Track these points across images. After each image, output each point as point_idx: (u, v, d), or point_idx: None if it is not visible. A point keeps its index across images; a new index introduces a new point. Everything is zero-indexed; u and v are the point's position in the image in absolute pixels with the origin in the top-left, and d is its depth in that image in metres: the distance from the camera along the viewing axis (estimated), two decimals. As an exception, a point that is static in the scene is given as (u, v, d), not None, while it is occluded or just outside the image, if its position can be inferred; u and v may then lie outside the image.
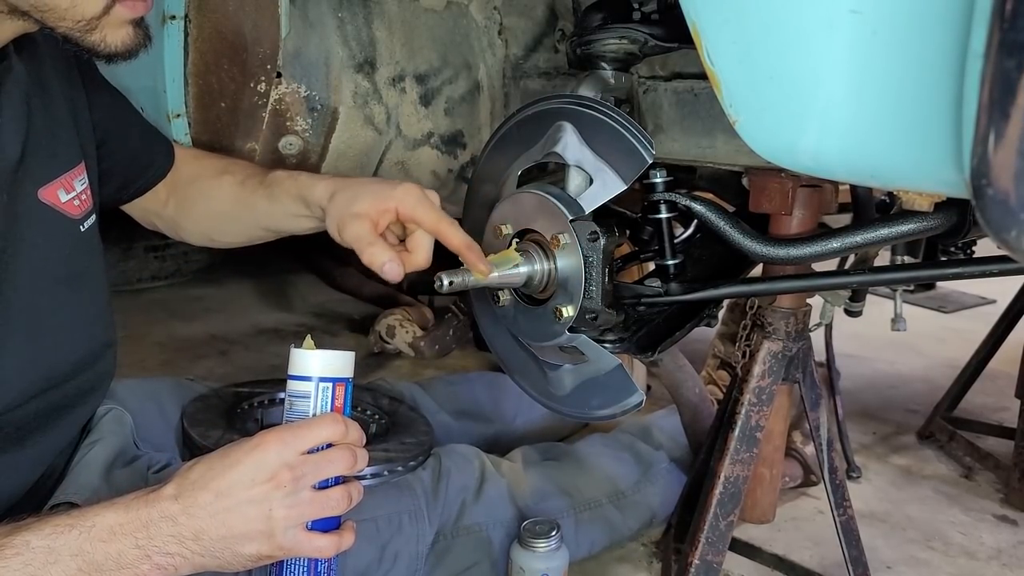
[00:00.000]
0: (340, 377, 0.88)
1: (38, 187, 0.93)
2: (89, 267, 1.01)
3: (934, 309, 2.98)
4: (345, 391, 0.88)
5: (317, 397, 0.87)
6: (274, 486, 0.79)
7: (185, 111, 1.15)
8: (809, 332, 1.20)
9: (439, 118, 1.26)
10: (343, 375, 0.88)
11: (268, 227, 1.12)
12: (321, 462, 0.82)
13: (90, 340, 1.02)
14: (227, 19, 1.09)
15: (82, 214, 0.99)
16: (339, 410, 0.88)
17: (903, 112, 0.64)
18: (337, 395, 0.87)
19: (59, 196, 0.95)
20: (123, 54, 0.85)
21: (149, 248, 2.72)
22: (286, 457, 0.80)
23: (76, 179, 0.99)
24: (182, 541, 0.77)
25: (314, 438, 0.83)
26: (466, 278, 0.93)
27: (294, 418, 0.86)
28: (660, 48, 1.02)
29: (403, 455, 1.24)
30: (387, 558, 1.12)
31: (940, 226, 0.88)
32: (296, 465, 0.80)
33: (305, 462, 0.81)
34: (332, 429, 0.84)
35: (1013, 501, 1.60)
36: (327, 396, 0.87)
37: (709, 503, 1.15)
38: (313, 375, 0.87)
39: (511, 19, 1.30)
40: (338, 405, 0.88)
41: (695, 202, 1.01)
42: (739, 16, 0.69)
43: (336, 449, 0.84)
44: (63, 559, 0.74)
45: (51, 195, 0.94)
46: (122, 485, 1.03)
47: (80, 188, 0.99)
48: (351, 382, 0.90)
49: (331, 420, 0.84)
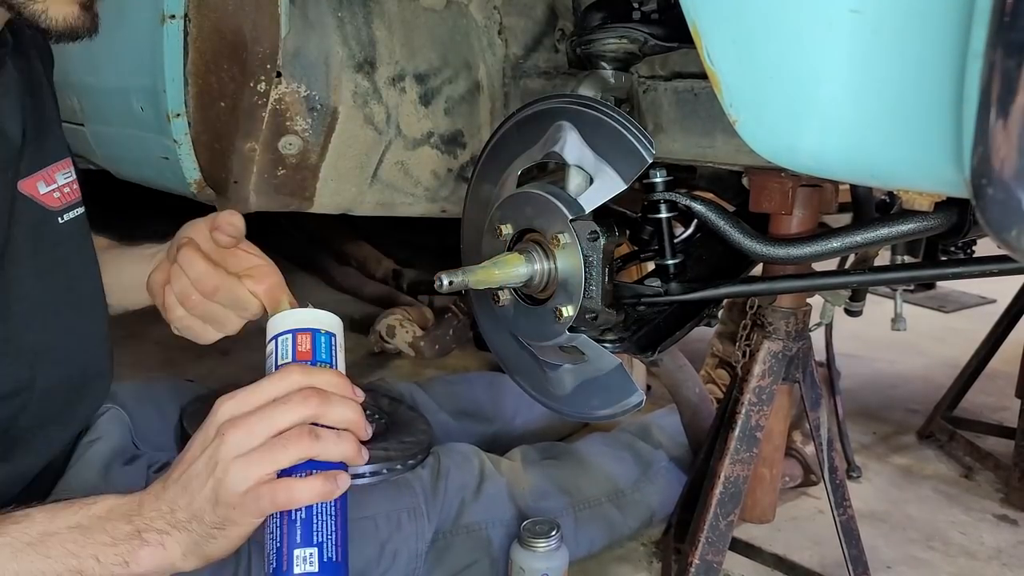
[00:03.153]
0: (303, 328, 0.81)
1: (19, 178, 0.94)
2: (68, 259, 1.01)
3: (934, 309, 2.98)
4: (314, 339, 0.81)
5: (276, 350, 0.81)
6: (219, 440, 0.74)
7: (185, 111, 1.15)
8: (809, 332, 1.20)
9: (439, 118, 1.26)
10: (306, 326, 0.82)
11: None
12: (271, 407, 0.75)
13: (78, 332, 1.02)
14: (227, 19, 1.09)
15: (62, 207, 0.99)
16: (305, 356, 0.80)
17: (903, 112, 0.64)
18: (300, 343, 0.80)
19: (38, 188, 0.96)
20: (64, 32, 0.81)
21: (150, 248, 2.72)
22: (234, 411, 0.75)
23: (59, 172, 0.99)
24: (163, 516, 0.75)
25: (267, 388, 0.76)
26: (466, 278, 0.93)
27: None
28: (660, 48, 1.02)
29: (402, 454, 1.24)
30: (386, 556, 1.12)
31: (940, 226, 0.87)
32: (244, 416, 0.75)
33: (253, 411, 0.75)
34: (285, 375, 0.77)
35: (1013, 501, 1.60)
36: (286, 346, 0.80)
37: (709, 503, 1.15)
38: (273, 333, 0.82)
39: (511, 19, 1.30)
40: (302, 351, 0.80)
41: (695, 202, 1.01)
42: (739, 16, 0.69)
43: (294, 393, 0.76)
44: (61, 532, 0.75)
45: (30, 187, 0.95)
46: (121, 483, 1.03)
47: (63, 181, 0.99)
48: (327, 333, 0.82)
49: (285, 368, 0.78)
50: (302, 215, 1.28)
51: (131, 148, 1.32)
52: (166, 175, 1.25)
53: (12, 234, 0.93)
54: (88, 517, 0.76)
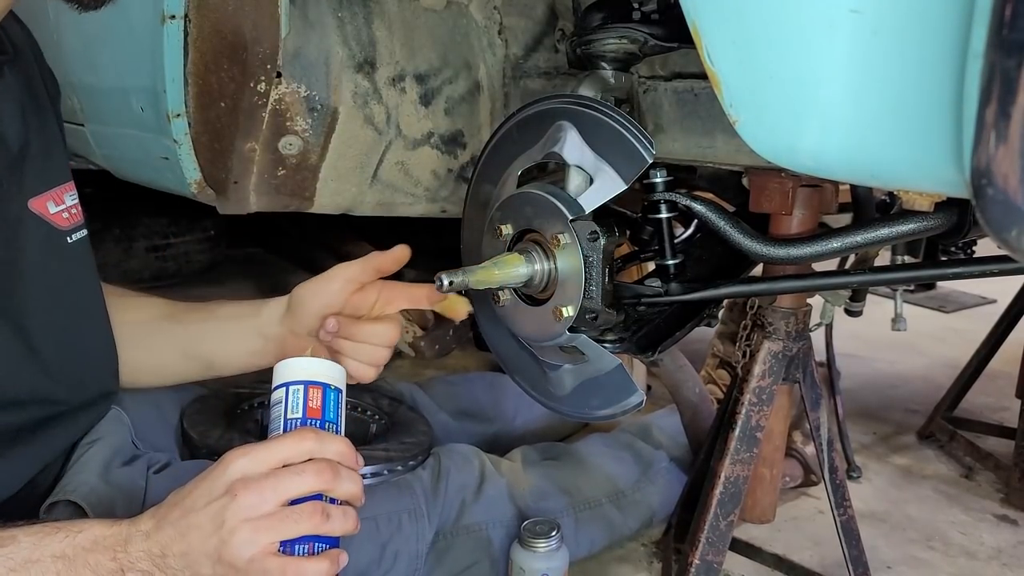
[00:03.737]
0: (314, 380, 0.83)
1: (28, 197, 0.95)
2: (75, 279, 1.02)
3: (934, 309, 2.98)
4: (324, 395, 0.83)
5: (287, 400, 0.82)
6: (230, 498, 0.74)
7: (185, 111, 1.15)
8: (809, 332, 1.20)
9: (439, 118, 1.26)
10: (318, 379, 0.83)
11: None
12: (285, 475, 0.76)
13: (80, 347, 1.03)
14: (227, 19, 1.08)
15: (70, 227, 1.01)
16: (315, 413, 0.82)
17: (903, 112, 0.64)
18: (311, 397, 0.82)
19: (48, 207, 0.98)
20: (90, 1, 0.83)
21: (150, 248, 2.72)
22: (247, 469, 0.76)
23: (66, 194, 1.01)
24: (152, 557, 0.75)
25: (281, 450, 0.77)
26: (466, 278, 0.93)
27: (271, 428, 0.83)
28: (660, 48, 1.02)
29: (403, 454, 1.24)
30: (387, 557, 1.12)
31: (940, 226, 0.87)
32: (257, 479, 0.75)
33: (267, 476, 0.76)
34: (300, 441, 0.78)
35: (1013, 501, 1.60)
36: (297, 398, 0.82)
37: (709, 503, 1.15)
38: (284, 380, 0.83)
39: (511, 19, 1.30)
40: (313, 407, 0.82)
41: (695, 202, 1.01)
42: (739, 16, 0.69)
43: (310, 463, 0.77)
44: (44, 560, 0.75)
45: (40, 205, 0.97)
46: (121, 484, 1.03)
47: (70, 203, 1.02)
48: (336, 389, 0.84)
49: (300, 432, 0.79)
50: (302, 215, 1.28)
51: (131, 148, 1.32)
52: (166, 175, 1.25)
53: (25, 251, 0.94)
54: (73, 547, 0.75)
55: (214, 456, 1.18)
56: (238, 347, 1.09)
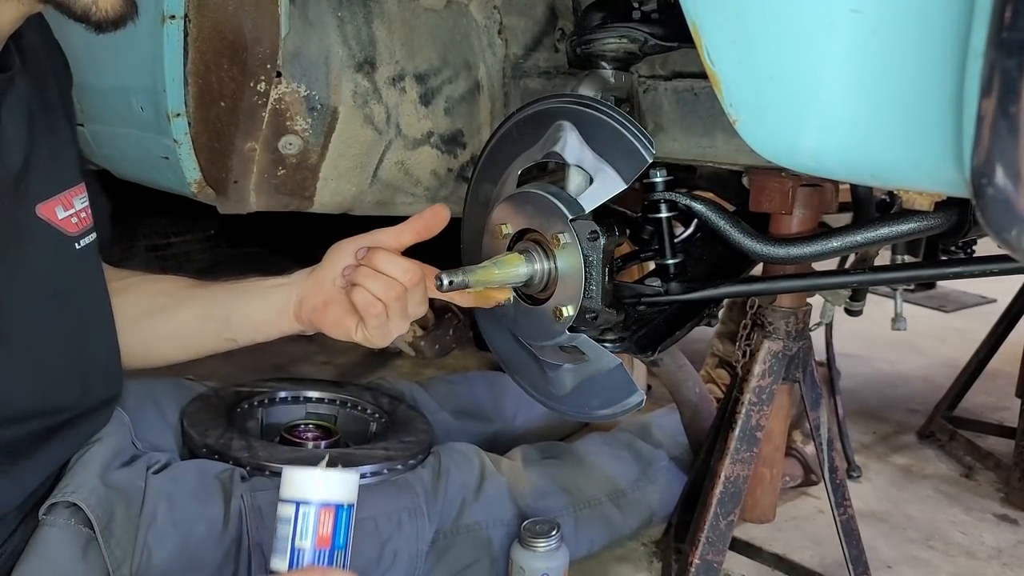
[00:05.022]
0: (327, 502, 0.79)
1: (36, 203, 0.94)
2: (81, 285, 1.01)
3: (934, 308, 2.98)
4: (335, 519, 0.79)
5: (296, 523, 0.78)
6: None
7: (185, 111, 1.15)
8: (809, 331, 1.20)
9: (439, 118, 1.26)
10: (331, 499, 0.79)
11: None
12: None
13: (84, 356, 1.02)
14: (227, 19, 1.08)
15: (79, 232, 1.00)
16: (324, 542, 0.78)
17: (903, 111, 0.64)
18: (322, 523, 0.78)
19: (56, 213, 0.96)
20: (114, 21, 0.82)
21: (151, 247, 2.72)
22: None
23: (76, 197, 1.00)
24: None
25: None
26: (466, 278, 0.93)
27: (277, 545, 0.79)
28: (660, 47, 1.02)
29: (403, 454, 1.24)
30: (387, 556, 1.12)
31: (940, 225, 0.88)
32: None
33: None
34: None
35: (1013, 500, 1.60)
36: (307, 524, 0.78)
37: (709, 503, 1.15)
38: (294, 497, 0.79)
39: (511, 18, 1.30)
40: (323, 535, 0.78)
41: (695, 201, 1.01)
42: (739, 15, 0.69)
43: None
44: None
45: (48, 211, 0.95)
46: (120, 484, 1.03)
47: (80, 206, 1.00)
48: (348, 507, 0.80)
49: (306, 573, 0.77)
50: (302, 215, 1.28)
51: (131, 148, 1.32)
52: (166, 175, 1.25)
53: (30, 259, 0.92)
54: None
55: (214, 455, 1.18)
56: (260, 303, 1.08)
